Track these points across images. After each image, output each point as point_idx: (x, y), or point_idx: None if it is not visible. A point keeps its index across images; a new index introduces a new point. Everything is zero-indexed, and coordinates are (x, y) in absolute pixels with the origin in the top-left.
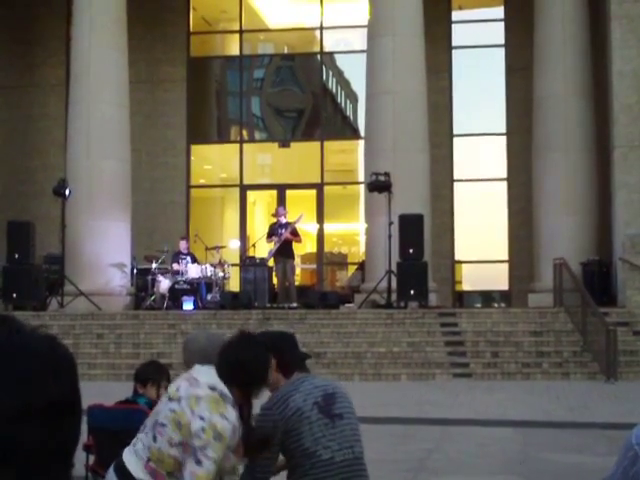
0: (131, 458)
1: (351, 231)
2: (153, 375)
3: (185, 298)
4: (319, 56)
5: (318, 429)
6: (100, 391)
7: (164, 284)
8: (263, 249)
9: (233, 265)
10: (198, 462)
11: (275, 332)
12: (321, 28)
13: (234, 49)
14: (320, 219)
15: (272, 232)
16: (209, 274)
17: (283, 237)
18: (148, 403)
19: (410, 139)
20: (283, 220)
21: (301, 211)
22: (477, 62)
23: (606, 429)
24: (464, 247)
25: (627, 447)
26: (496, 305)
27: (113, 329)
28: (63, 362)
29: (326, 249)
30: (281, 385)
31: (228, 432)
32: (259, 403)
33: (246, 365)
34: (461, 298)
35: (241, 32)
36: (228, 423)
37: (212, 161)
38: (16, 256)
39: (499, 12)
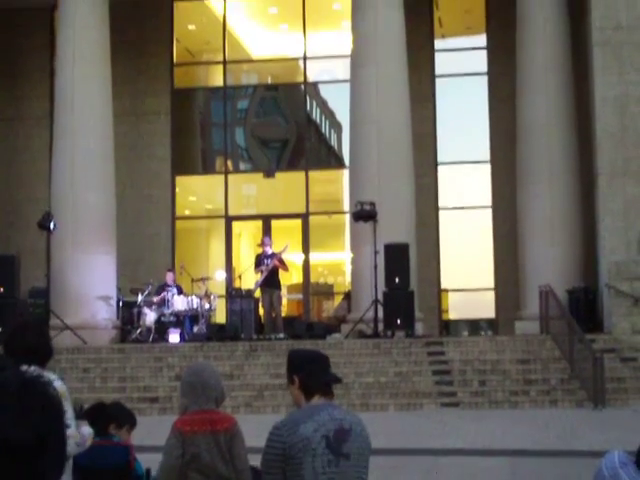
0: None
1: (337, 261)
2: (130, 419)
3: (171, 330)
4: (303, 86)
5: (320, 464)
6: None
7: (150, 317)
8: (249, 280)
9: (219, 296)
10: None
11: (307, 352)
12: (304, 58)
13: (218, 80)
14: (306, 249)
15: (259, 263)
16: (195, 306)
17: (270, 267)
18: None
19: (395, 168)
20: (269, 250)
21: (287, 241)
22: (460, 90)
23: (594, 457)
24: (450, 275)
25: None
26: (483, 333)
27: (99, 363)
28: (32, 406)
29: (312, 279)
30: (302, 404)
31: (65, 389)
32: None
33: None
34: (447, 327)
35: (225, 63)
36: (62, 383)
37: (197, 192)
38: (1, 290)
39: (481, 40)
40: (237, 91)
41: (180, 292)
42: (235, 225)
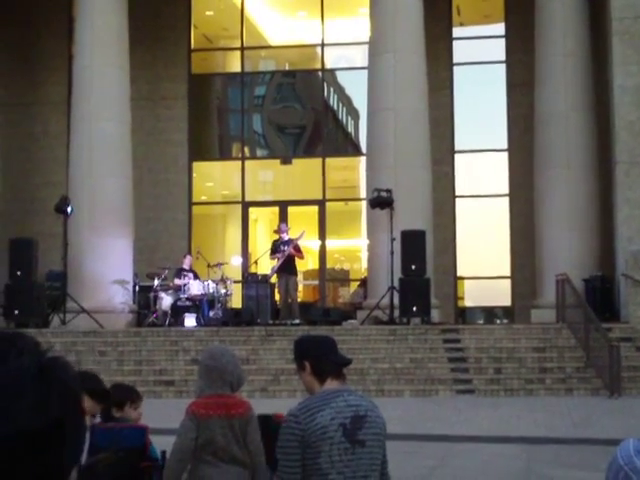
0: None
1: (353, 247)
2: (130, 395)
3: (187, 315)
4: (320, 73)
5: (337, 452)
6: None
7: (166, 301)
8: (265, 266)
9: (235, 282)
10: None
11: (313, 336)
12: (322, 45)
13: (235, 66)
14: (322, 235)
15: (275, 249)
16: (211, 291)
17: (286, 253)
18: None
19: (412, 155)
20: (285, 237)
21: (303, 228)
22: (478, 78)
23: (610, 445)
24: (466, 263)
25: (616, 469)
26: (498, 321)
27: (115, 346)
28: (49, 392)
29: (328, 265)
30: (315, 389)
31: None
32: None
33: None
34: (463, 314)
35: (242, 49)
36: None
37: (214, 178)
38: (18, 273)
39: (500, 29)
40: (254, 77)
41: (196, 277)
42: (251, 211)
